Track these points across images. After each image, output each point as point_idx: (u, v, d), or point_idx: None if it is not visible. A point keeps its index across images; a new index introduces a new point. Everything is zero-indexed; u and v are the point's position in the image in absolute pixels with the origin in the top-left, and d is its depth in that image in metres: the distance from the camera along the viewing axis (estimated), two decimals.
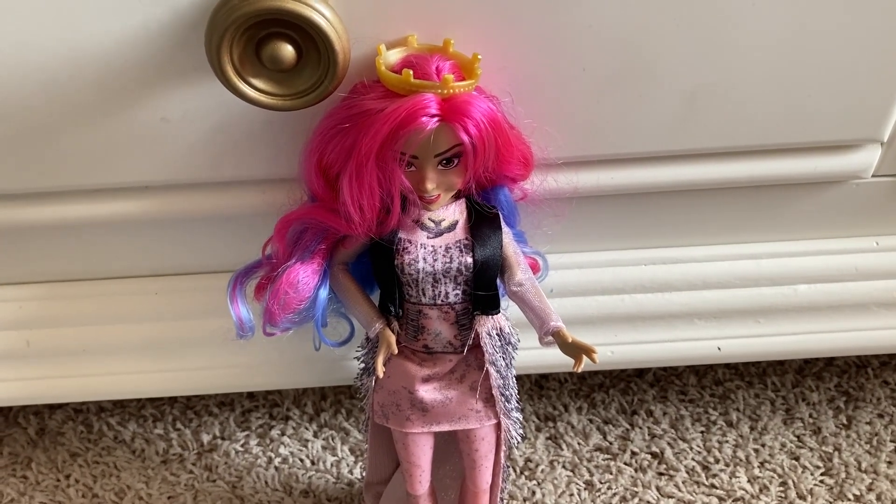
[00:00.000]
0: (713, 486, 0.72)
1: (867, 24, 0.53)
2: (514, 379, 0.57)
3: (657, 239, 0.65)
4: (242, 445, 0.76)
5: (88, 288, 0.65)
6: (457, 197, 0.54)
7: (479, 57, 0.48)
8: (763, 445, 0.75)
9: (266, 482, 0.73)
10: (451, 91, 0.47)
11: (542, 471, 0.73)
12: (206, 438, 0.77)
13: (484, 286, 0.53)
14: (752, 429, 0.77)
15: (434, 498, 0.62)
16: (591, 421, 0.78)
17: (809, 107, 0.56)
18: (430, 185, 0.50)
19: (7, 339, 0.65)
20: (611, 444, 0.76)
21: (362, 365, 0.58)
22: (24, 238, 0.62)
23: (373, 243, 0.53)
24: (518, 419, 0.58)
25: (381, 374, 0.54)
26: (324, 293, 0.54)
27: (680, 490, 0.72)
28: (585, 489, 0.72)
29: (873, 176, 0.62)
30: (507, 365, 0.56)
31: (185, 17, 0.49)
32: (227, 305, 0.55)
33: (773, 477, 0.73)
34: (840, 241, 0.66)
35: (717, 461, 0.74)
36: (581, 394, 0.80)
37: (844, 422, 0.77)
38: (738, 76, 0.55)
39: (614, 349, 0.66)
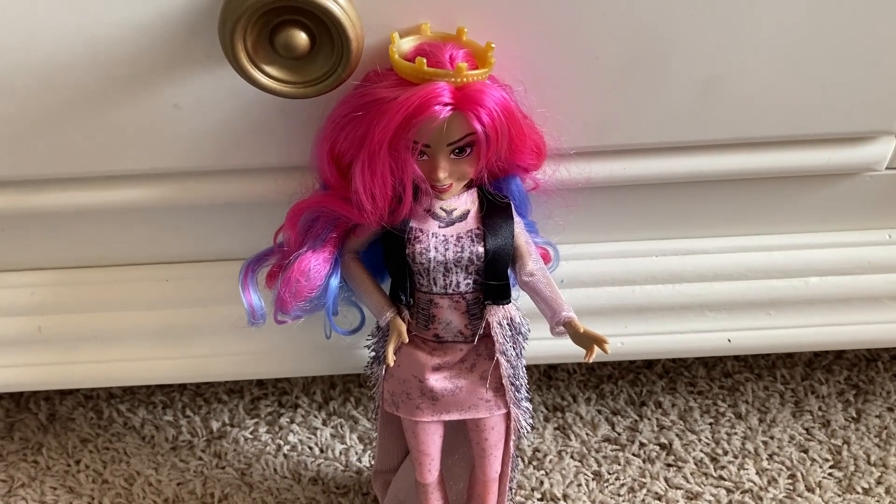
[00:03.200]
0: (721, 477, 0.72)
1: (882, 15, 0.53)
2: (524, 369, 0.57)
3: (668, 230, 0.65)
4: (251, 433, 0.77)
5: (100, 274, 0.65)
6: (469, 186, 0.53)
7: (493, 45, 0.48)
8: (772, 438, 0.75)
9: (275, 469, 0.73)
10: (465, 79, 0.47)
11: (551, 461, 0.73)
12: (215, 425, 0.77)
13: (495, 276, 0.53)
14: (760, 421, 0.76)
15: (443, 486, 0.62)
16: (599, 412, 0.78)
17: (823, 98, 0.56)
18: (442, 174, 0.50)
19: (19, 324, 0.65)
20: (619, 434, 0.76)
21: (372, 353, 0.58)
22: (35, 224, 0.63)
23: (384, 232, 0.53)
24: (528, 409, 0.58)
25: (391, 363, 0.54)
26: (335, 281, 0.54)
27: (688, 481, 0.72)
28: (593, 479, 0.72)
29: (887, 168, 0.62)
30: (517, 355, 0.56)
31: (199, 4, 0.49)
32: (239, 293, 0.55)
33: (781, 469, 0.72)
34: (852, 234, 0.66)
35: (726, 453, 0.74)
36: (590, 385, 0.80)
37: (854, 415, 0.77)
38: (752, 67, 0.54)
39: (624, 340, 0.66)
